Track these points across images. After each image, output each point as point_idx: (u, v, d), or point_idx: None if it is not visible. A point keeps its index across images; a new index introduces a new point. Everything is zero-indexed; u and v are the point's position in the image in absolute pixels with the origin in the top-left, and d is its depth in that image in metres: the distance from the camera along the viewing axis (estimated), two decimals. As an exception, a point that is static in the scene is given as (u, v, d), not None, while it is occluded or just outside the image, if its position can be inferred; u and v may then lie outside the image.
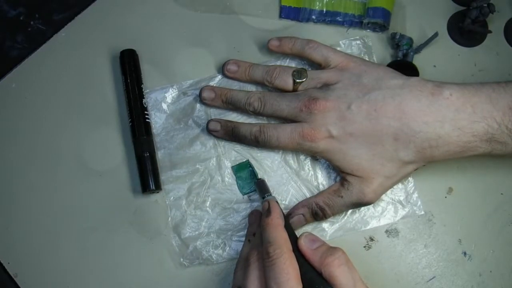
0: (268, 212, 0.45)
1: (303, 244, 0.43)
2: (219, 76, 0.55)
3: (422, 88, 0.46)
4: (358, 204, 0.49)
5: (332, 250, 0.41)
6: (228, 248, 0.51)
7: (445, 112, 0.45)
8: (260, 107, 0.51)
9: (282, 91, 0.52)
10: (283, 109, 0.50)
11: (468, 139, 0.44)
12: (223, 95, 0.53)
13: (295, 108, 0.49)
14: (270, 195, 0.49)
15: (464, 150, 0.45)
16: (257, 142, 0.51)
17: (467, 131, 0.44)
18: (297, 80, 0.50)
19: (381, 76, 0.48)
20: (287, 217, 0.49)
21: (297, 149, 0.50)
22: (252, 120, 0.54)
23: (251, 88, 0.54)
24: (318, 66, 0.53)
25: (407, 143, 0.46)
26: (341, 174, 0.50)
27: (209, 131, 0.53)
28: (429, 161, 0.47)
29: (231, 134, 0.52)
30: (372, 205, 0.51)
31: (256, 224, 0.48)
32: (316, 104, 0.48)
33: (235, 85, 0.55)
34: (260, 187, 0.50)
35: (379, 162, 0.47)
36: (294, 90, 0.51)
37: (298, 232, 0.46)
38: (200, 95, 0.54)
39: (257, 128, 0.51)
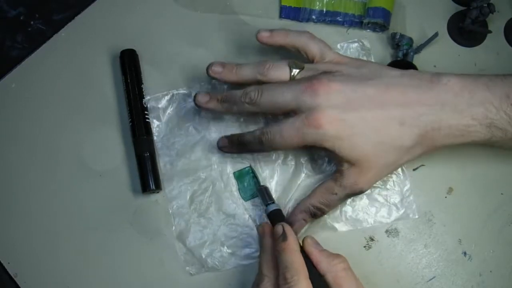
0: (284, 236, 0.44)
1: (309, 244, 0.45)
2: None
3: (421, 77, 0.47)
4: (351, 195, 0.49)
5: (336, 254, 0.44)
6: (232, 255, 0.51)
7: (444, 96, 0.45)
8: (257, 96, 0.48)
9: None
10: (283, 92, 0.46)
11: (467, 122, 0.45)
12: (218, 95, 0.50)
13: (297, 90, 0.46)
14: (273, 203, 0.49)
15: (464, 135, 0.45)
16: (262, 144, 0.48)
17: (466, 114, 0.45)
18: (294, 69, 0.48)
19: (379, 68, 0.49)
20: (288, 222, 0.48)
21: (303, 142, 0.47)
22: (251, 121, 0.53)
23: None
24: (311, 61, 0.50)
25: (412, 127, 0.45)
26: (338, 165, 0.48)
27: (220, 149, 0.52)
28: (431, 147, 0.47)
29: (237, 144, 0.51)
30: (368, 206, 0.51)
31: (268, 237, 0.47)
32: (321, 83, 0.46)
33: None
34: (263, 194, 0.50)
35: (383, 148, 0.46)
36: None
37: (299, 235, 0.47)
38: (194, 100, 0.51)
39: (259, 130, 0.49)
